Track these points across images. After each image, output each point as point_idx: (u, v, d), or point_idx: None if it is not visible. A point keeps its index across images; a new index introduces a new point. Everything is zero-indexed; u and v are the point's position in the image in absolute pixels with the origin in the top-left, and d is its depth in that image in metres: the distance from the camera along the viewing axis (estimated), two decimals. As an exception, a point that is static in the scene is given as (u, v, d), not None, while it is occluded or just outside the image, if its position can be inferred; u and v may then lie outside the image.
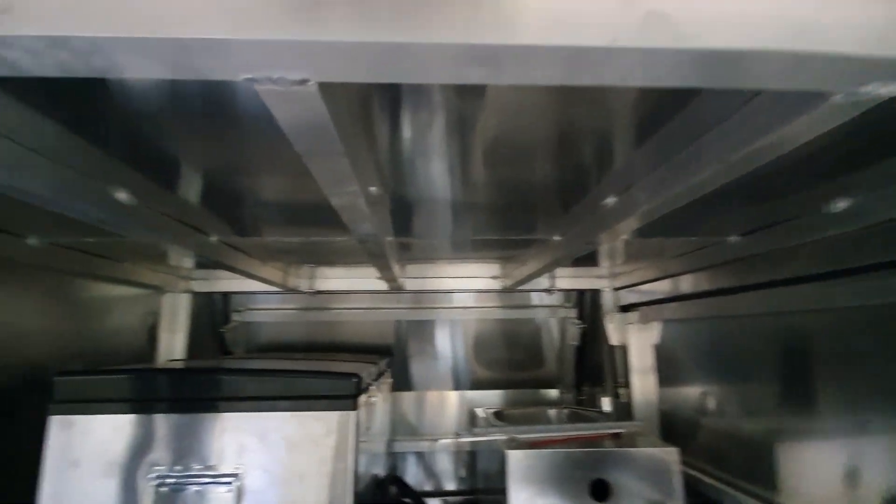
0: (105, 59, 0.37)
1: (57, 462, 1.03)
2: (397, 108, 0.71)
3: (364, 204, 0.76)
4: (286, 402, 1.07)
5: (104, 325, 1.72)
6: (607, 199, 0.93)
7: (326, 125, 0.48)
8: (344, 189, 0.65)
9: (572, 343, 2.28)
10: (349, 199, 0.71)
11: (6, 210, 1.12)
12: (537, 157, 0.96)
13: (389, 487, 1.74)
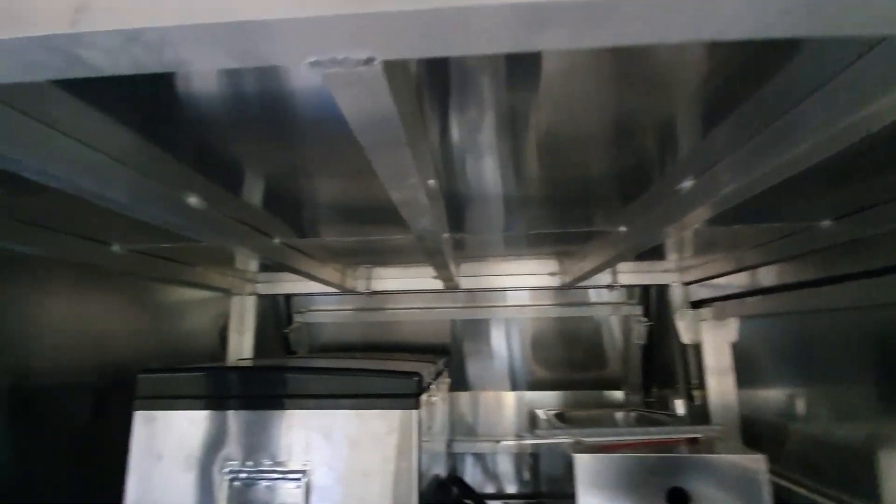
0: (174, 52, 0.37)
1: (141, 455, 1.09)
2: (449, 100, 0.70)
3: (424, 197, 0.74)
4: (350, 401, 1.08)
5: (180, 327, 1.83)
6: (683, 182, 0.86)
7: (390, 112, 0.46)
8: (405, 182, 0.64)
9: (638, 342, 2.16)
10: (409, 192, 0.69)
11: (92, 220, 1.21)
12: (595, 147, 0.90)
13: (451, 488, 1.72)
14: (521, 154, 0.93)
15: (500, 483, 2.21)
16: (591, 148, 0.93)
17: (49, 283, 1.26)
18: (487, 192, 1.12)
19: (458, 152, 0.88)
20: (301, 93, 0.74)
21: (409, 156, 0.57)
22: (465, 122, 0.76)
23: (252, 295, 2.15)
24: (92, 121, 0.67)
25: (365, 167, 0.99)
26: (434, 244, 1.15)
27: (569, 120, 0.78)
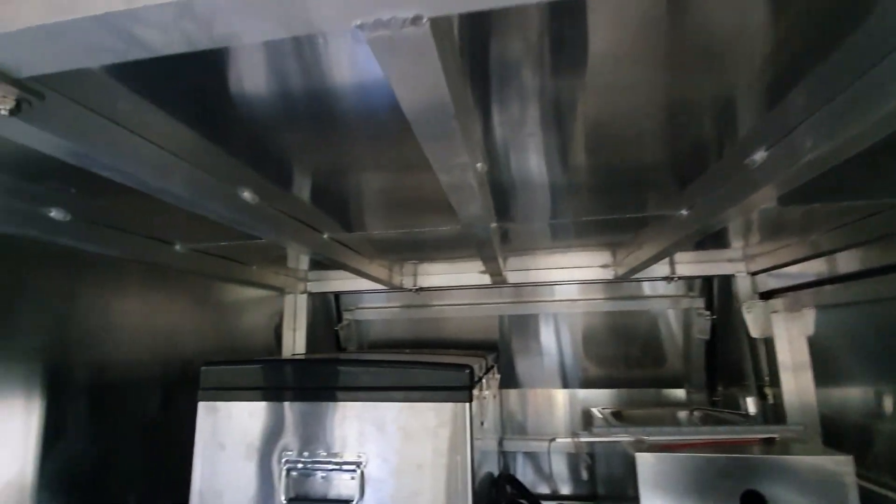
0: (225, 24, 0.37)
1: (205, 444, 1.14)
2: (491, 88, 0.68)
3: (472, 180, 0.72)
4: (403, 393, 1.08)
5: (238, 325, 1.91)
6: (754, 154, 0.79)
7: (438, 79, 0.44)
8: (454, 161, 0.62)
9: (700, 337, 2.03)
10: (458, 174, 0.67)
11: (156, 221, 1.28)
12: (649, 128, 0.85)
13: (505, 487, 1.68)
14: (568, 141, 0.91)
15: (554, 483, 2.15)
16: (643, 129, 0.87)
17: (122, 284, 1.34)
18: (534, 181, 1.09)
19: (504, 141, 0.86)
20: (345, 89, 0.75)
21: (458, 131, 0.56)
22: (509, 111, 0.75)
23: (304, 293, 2.21)
24: (153, 118, 0.70)
25: (410, 160, 1.00)
26: (482, 234, 1.12)
27: (618, 102, 0.75)
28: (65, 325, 1.17)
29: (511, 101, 0.72)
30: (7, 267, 1.03)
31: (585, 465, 1.78)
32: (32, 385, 1.09)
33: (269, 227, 1.02)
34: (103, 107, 0.59)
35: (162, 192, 0.75)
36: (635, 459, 1.25)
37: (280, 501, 1.07)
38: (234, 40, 0.38)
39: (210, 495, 1.11)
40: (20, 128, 0.50)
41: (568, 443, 2.04)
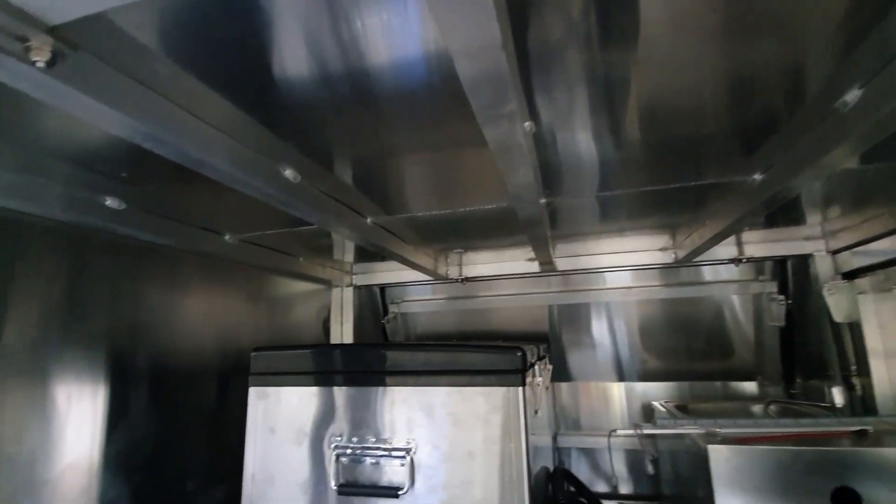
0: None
1: (256, 428, 1.14)
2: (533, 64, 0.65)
3: (520, 136, 0.66)
4: (451, 377, 1.03)
5: (289, 318, 1.94)
6: (846, 93, 0.68)
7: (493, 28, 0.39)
8: (501, 109, 0.56)
9: (774, 324, 1.86)
10: (506, 127, 0.62)
11: (207, 210, 1.31)
12: (707, 102, 0.81)
13: (562, 483, 1.60)
14: (619, 118, 0.87)
15: (611, 481, 2.04)
16: (704, 101, 0.82)
17: (179, 276, 1.38)
18: (581, 158, 1.04)
19: (549, 118, 0.84)
20: (383, 69, 0.72)
21: (506, 63, 0.50)
22: (553, 89, 0.73)
23: (350, 287, 2.22)
24: (193, 89, 0.70)
25: (450, 139, 0.97)
26: (531, 209, 1.06)
27: (674, 76, 0.72)
28: (127, 313, 1.21)
29: (555, 80, 0.70)
30: (72, 254, 1.08)
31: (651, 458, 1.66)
32: (98, 370, 1.13)
33: (312, 208, 1.00)
34: (139, 72, 0.58)
35: (203, 166, 0.74)
36: (707, 453, 1.14)
37: (331, 488, 1.05)
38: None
39: (262, 479, 1.11)
40: (58, 88, 0.49)
41: (626, 440, 1.92)
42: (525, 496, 0.95)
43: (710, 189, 1.23)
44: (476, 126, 0.72)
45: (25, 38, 0.42)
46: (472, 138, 0.95)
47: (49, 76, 0.46)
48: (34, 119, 0.82)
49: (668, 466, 1.68)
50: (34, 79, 0.48)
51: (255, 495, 1.11)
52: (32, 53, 0.42)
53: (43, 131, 0.85)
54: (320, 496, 1.06)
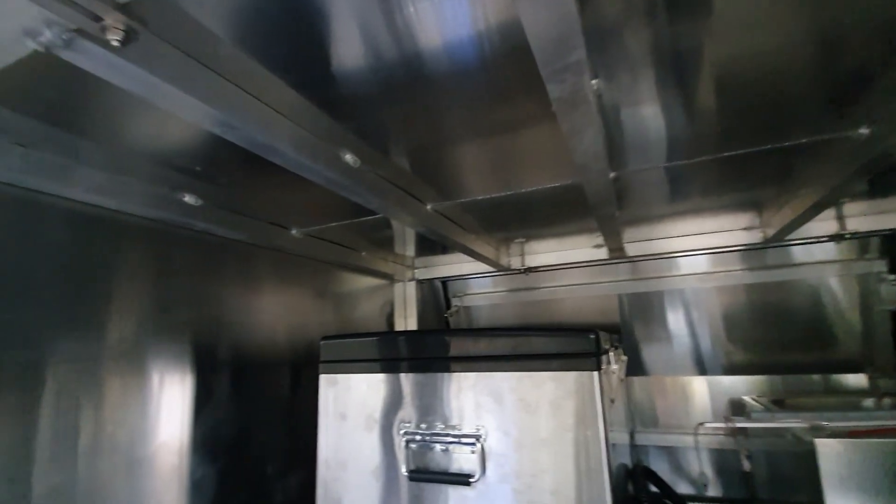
0: None
1: (328, 414, 1.16)
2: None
3: (588, 91, 0.61)
4: (519, 362, 0.99)
5: (354, 313, 1.98)
6: None
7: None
8: (567, 58, 0.52)
9: (887, 308, 1.63)
10: (571, 82, 0.57)
11: (274, 206, 1.36)
12: (793, 62, 0.76)
13: (644, 482, 1.49)
14: (691, 87, 0.83)
15: (699, 480, 1.88)
16: (788, 62, 0.75)
17: (252, 272, 1.45)
18: (650, 132, 0.98)
19: (616, 94, 0.80)
20: (436, 51, 0.71)
21: (575, 19, 0.46)
22: (620, 66, 0.71)
23: (412, 281, 2.23)
24: (257, 75, 0.71)
25: (507, 118, 0.94)
26: (599, 183, 1.00)
27: (752, 40, 0.69)
28: (207, 306, 1.29)
29: (617, 57, 0.68)
30: (158, 251, 1.16)
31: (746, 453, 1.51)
32: (185, 359, 1.21)
33: (372, 193, 1.00)
34: (206, 55, 0.60)
35: (269, 151, 0.76)
36: (815, 448, 1.02)
37: (402, 473, 1.05)
38: None
39: (335, 464, 1.13)
40: (132, 71, 0.51)
41: (712, 438, 1.77)
42: (605, 487, 0.89)
43: (799, 154, 1.10)
44: (535, 101, 0.70)
45: (100, 17, 0.43)
46: (531, 114, 0.92)
47: (124, 59, 0.48)
48: (119, 120, 0.88)
49: (764, 467, 1.52)
50: (110, 62, 0.50)
51: (329, 479, 1.13)
52: (108, 32, 0.44)
53: (126, 132, 0.92)
54: (392, 482, 1.06)
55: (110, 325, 1.03)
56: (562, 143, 0.81)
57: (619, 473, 1.17)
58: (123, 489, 1.01)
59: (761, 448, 1.62)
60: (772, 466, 1.42)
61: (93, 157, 0.91)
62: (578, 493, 0.90)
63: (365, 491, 1.09)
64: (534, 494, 0.93)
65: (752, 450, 1.60)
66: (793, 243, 1.73)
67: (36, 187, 0.89)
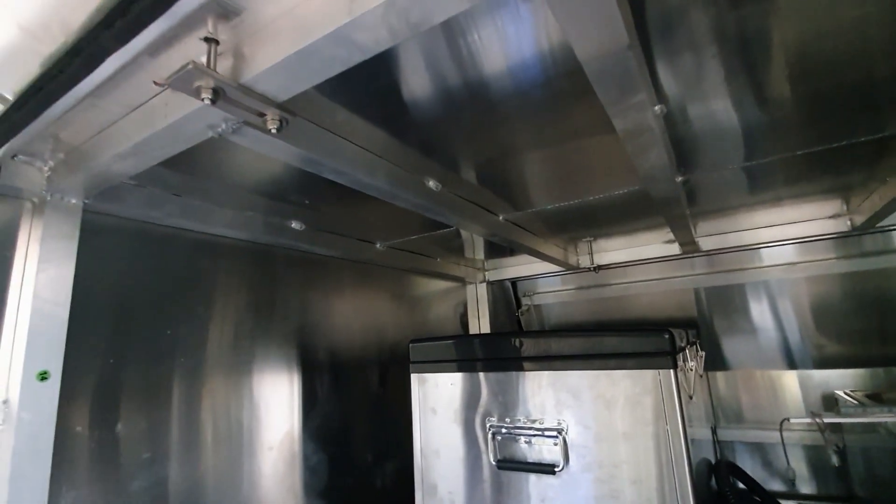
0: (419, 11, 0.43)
1: (420, 409, 1.30)
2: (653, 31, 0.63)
3: (651, 120, 0.68)
4: (595, 361, 1.06)
5: (430, 316, 2.12)
6: None
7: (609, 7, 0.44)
8: (630, 100, 0.59)
9: None
10: (635, 116, 0.64)
11: (363, 225, 1.53)
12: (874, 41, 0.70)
13: (728, 478, 1.49)
14: (762, 74, 0.80)
15: (787, 475, 1.82)
16: (869, 41, 0.71)
17: (341, 283, 1.63)
18: (722, 125, 0.97)
19: (679, 86, 0.79)
20: (500, 74, 0.78)
21: (633, 62, 0.53)
22: (680, 55, 0.70)
23: (483, 282, 2.34)
24: (358, 126, 0.85)
25: (569, 131, 1.00)
26: (667, 189, 1.04)
27: (827, 18, 0.64)
28: (307, 314, 1.48)
29: (680, 48, 0.67)
30: (268, 269, 1.36)
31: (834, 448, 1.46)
32: (292, 361, 1.40)
33: (451, 212, 1.12)
34: (325, 122, 0.74)
35: (369, 187, 0.89)
36: (911, 444, 0.99)
37: (490, 463, 1.16)
38: (428, 22, 0.45)
39: (429, 453, 1.27)
40: (279, 146, 0.66)
41: (804, 434, 1.71)
42: (686, 479, 0.94)
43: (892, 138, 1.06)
44: (598, 114, 0.73)
45: (263, 113, 0.58)
46: (595, 126, 0.97)
47: (277, 139, 0.62)
48: (243, 170, 1.06)
49: (861, 464, 1.46)
50: (263, 140, 0.65)
51: (425, 467, 1.27)
52: (268, 123, 0.58)
53: (247, 175, 1.10)
54: (480, 470, 1.18)
55: (231, 334, 1.23)
56: (623, 154, 0.85)
57: (700, 468, 1.21)
58: (248, 473, 1.21)
59: (857, 444, 1.55)
60: (869, 463, 1.37)
61: (226, 199, 1.10)
62: (660, 483, 0.96)
63: (457, 478, 1.21)
64: (615, 483, 1.00)
65: (848, 446, 1.53)
66: (888, 229, 1.63)
67: (186, 227, 1.10)
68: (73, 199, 0.84)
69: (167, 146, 0.66)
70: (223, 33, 0.54)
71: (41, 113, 0.57)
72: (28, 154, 0.77)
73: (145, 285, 1.04)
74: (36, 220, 0.80)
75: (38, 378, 0.75)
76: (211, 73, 0.50)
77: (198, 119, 0.60)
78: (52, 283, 0.79)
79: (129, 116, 0.66)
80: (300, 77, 0.53)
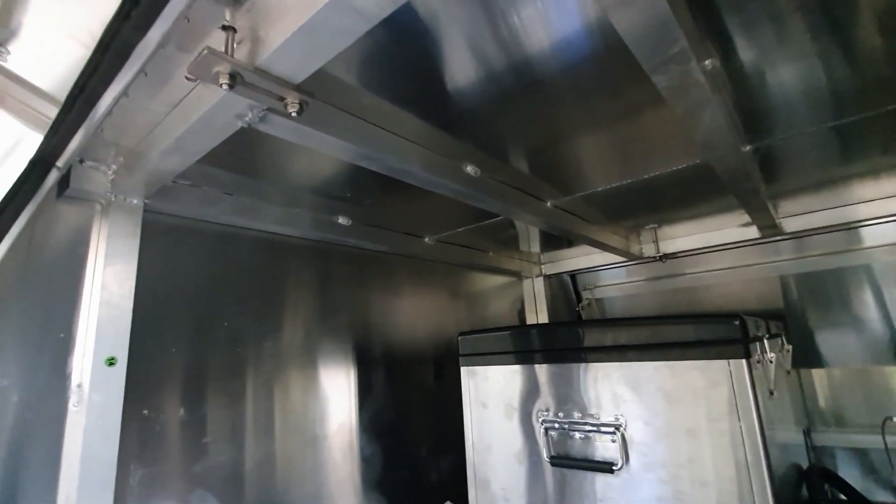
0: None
1: (471, 403, 1.27)
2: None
3: (699, 75, 0.60)
4: (658, 351, 0.97)
5: (486, 311, 2.09)
6: None
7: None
8: (668, 51, 0.53)
9: None
10: (677, 71, 0.57)
11: (409, 218, 1.53)
12: None
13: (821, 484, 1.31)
14: (847, 28, 0.71)
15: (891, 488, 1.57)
16: None
17: (394, 279, 1.64)
18: (801, 86, 0.87)
19: (754, 49, 0.72)
20: (543, 53, 0.75)
21: (669, 16, 0.47)
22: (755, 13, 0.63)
23: (540, 277, 2.26)
24: (389, 112, 0.84)
25: (620, 107, 0.93)
26: (730, 159, 0.93)
27: None
28: (361, 309, 1.50)
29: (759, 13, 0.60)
30: (321, 265, 1.39)
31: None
32: (348, 356, 1.43)
33: (493, 198, 1.08)
34: (350, 106, 0.74)
35: (402, 173, 0.88)
36: None
37: (544, 459, 1.10)
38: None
39: (481, 448, 1.23)
40: (305, 132, 0.66)
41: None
42: (766, 483, 0.83)
43: None
44: (650, 83, 0.68)
45: (283, 97, 0.58)
46: (647, 98, 0.90)
47: (297, 123, 0.63)
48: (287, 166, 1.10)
49: None
50: (288, 127, 0.66)
51: (478, 462, 1.24)
52: (289, 107, 0.59)
53: (293, 172, 1.14)
54: (535, 466, 1.12)
55: (290, 327, 1.28)
56: (680, 123, 0.78)
57: (786, 473, 1.07)
58: (310, 461, 1.24)
59: None
60: None
61: (274, 196, 1.15)
62: (733, 486, 0.86)
63: (510, 474, 1.17)
64: (682, 484, 0.91)
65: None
66: None
67: (238, 224, 1.15)
68: (135, 200, 0.90)
69: (203, 139, 0.69)
70: (239, 20, 0.55)
71: (88, 112, 0.62)
72: (93, 159, 0.84)
73: (204, 280, 1.10)
74: (103, 219, 0.88)
75: (107, 363, 0.81)
76: (226, 58, 0.51)
77: (224, 108, 0.62)
78: (117, 276, 0.86)
79: (171, 114, 0.70)
80: (311, 53, 0.52)
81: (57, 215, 0.88)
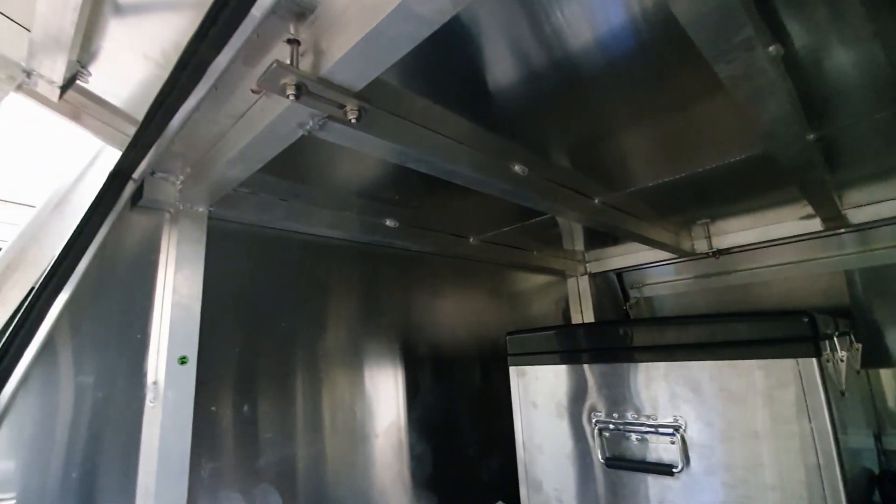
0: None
1: (521, 402, 1.27)
2: None
3: (765, 62, 0.58)
4: (718, 350, 0.94)
5: (531, 310, 2.07)
6: None
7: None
8: (733, 39, 0.51)
9: None
10: (742, 59, 0.55)
11: (454, 219, 1.54)
12: None
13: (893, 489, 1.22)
14: None
15: None
16: None
17: (439, 279, 1.66)
18: (865, 69, 0.81)
19: (811, 35, 0.68)
20: (587, 48, 0.74)
21: None
22: None
23: (584, 275, 2.22)
24: (439, 114, 0.85)
25: (667, 99, 0.90)
26: (794, 148, 0.89)
27: None
28: (408, 310, 1.52)
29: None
30: (370, 267, 1.43)
31: None
32: (395, 356, 1.45)
33: (540, 197, 1.08)
34: (404, 111, 0.75)
35: (453, 175, 0.89)
36: None
37: (598, 461, 1.08)
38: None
39: (532, 448, 1.23)
40: (362, 138, 0.68)
41: None
42: (839, 486, 0.78)
43: None
44: (701, 74, 0.66)
45: (343, 105, 0.61)
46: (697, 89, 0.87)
47: (359, 130, 0.65)
48: (338, 170, 1.13)
49: None
50: (346, 133, 0.68)
51: (528, 462, 1.23)
52: (348, 114, 0.61)
53: (341, 177, 1.17)
54: (588, 467, 1.10)
55: (338, 327, 1.31)
56: (738, 114, 0.75)
57: (858, 478, 1.01)
58: (360, 458, 1.27)
59: None
60: None
61: (324, 200, 1.19)
62: (804, 491, 0.82)
63: (563, 474, 1.15)
64: (749, 489, 0.87)
65: None
66: None
67: (291, 228, 1.20)
68: (200, 208, 0.96)
69: (266, 148, 0.73)
70: (303, 33, 0.57)
71: (165, 127, 0.66)
72: (164, 171, 0.90)
73: (264, 283, 1.15)
74: (172, 227, 0.93)
75: (179, 362, 0.87)
76: (292, 70, 0.54)
77: (288, 118, 0.64)
78: (186, 281, 0.92)
79: (235, 126, 0.74)
80: (372, 61, 0.54)
81: (131, 224, 0.94)
